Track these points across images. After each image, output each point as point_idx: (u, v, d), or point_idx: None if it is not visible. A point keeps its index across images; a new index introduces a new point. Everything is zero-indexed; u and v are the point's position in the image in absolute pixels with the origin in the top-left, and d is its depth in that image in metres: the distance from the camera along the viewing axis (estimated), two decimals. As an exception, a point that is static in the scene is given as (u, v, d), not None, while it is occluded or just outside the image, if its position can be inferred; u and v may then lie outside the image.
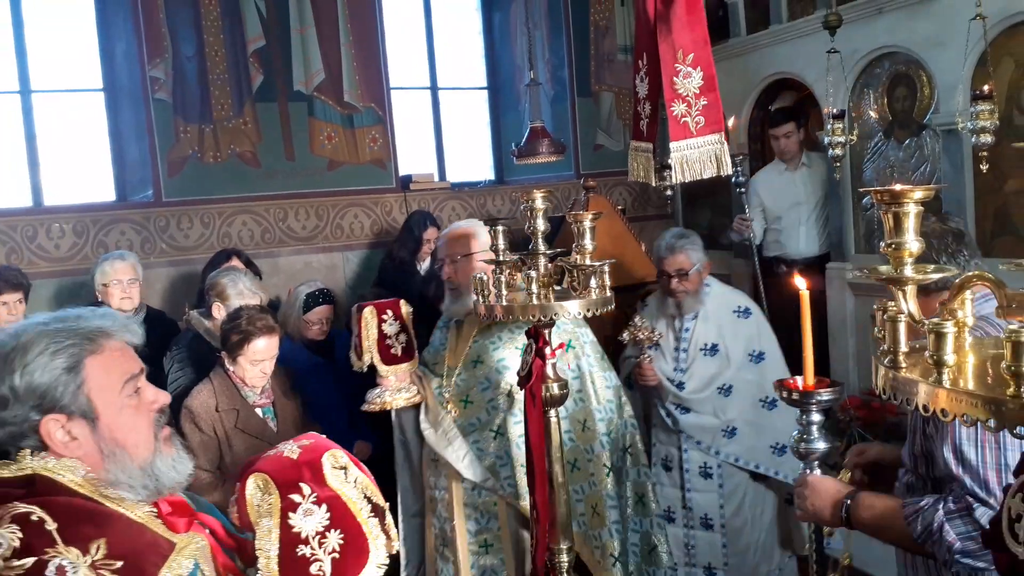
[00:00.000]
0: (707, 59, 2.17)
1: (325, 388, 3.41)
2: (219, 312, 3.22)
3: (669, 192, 5.12)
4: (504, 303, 2.31)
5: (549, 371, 2.46)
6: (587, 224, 2.25)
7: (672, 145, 2.22)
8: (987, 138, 3.23)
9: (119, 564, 1.10)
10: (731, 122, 3.48)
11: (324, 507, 1.16)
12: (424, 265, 4.69)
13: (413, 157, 5.94)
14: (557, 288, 2.38)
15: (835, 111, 3.90)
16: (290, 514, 1.15)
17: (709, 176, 2.26)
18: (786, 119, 4.88)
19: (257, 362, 2.77)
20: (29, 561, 1.06)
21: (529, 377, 2.48)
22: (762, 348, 3.26)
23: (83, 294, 4.26)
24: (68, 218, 4.83)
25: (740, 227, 4.58)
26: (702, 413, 3.26)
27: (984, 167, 3.28)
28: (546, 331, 2.43)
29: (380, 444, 3.28)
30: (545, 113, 5.56)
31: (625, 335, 3.24)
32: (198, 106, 5.04)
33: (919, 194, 1.25)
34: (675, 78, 2.14)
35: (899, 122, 4.42)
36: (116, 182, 5.29)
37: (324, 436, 1.30)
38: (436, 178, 5.94)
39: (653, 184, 2.50)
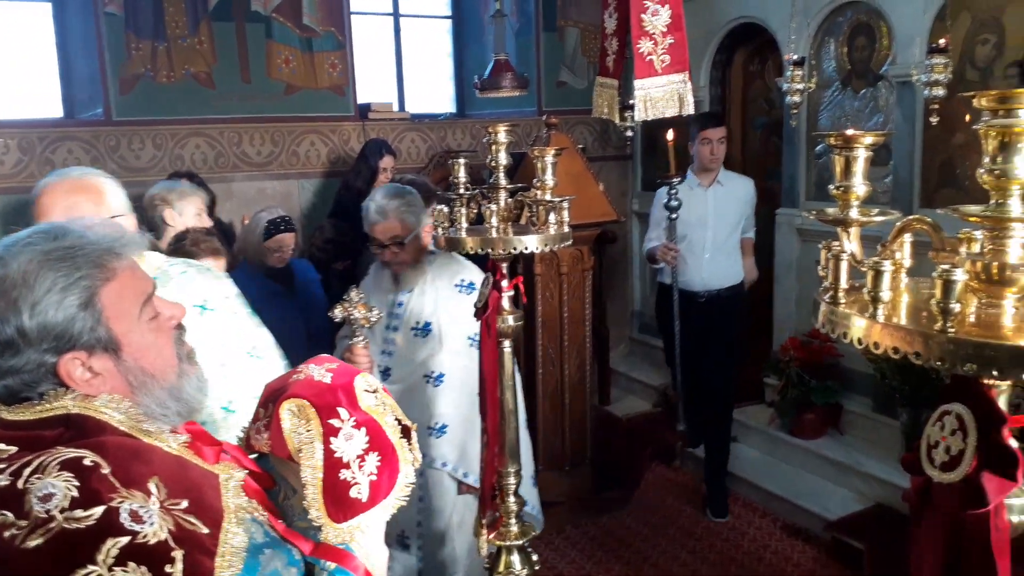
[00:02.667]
0: (676, -3, 2.19)
1: (283, 316, 3.41)
2: (172, 219, 3.15)
3: (630, 132, 5.15)
4: (464, 235, 2.34)
5: (505, 303, 2.52)
6: (549, 160, 2.28)
7: (636, 83, 2.25)
8: (940, 91, 3.31)
9: (185, 503, 1.02)
10: (669, 135, 3.51)
11: (363, 430, 1.15)
12: (381, 196, 4.67)
13: (373, 86, 5.83)
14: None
15: (795, 58, 3.94)
16: (331, 439, 1.13)
17: (672, 115, 2.30)
18: (721, 122, 4.33)
19: None
20: (98, 511, 0.95)
21: (485, 309, 2.53)
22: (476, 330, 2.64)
23: (29, 213, 4.14)
24: (12, 134, 4.66)
25: (666, 256, 4.07)
26: (409, 405, 2.74)
27: (934, 120, 3.37)
28: (503, 264, 2.48)
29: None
30: (509, 47, 5.49)
31: (337, 311, 2.55)
32: (151, 22, 4.85)
33: (869, 139, 1.32)
34: (643, 15, 2.15)
35: (856, 72, 4.49)
36: (64, 98, 5.10)
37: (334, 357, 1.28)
38: (396, 108, 5.85)
39: (616, 121, 2.53)
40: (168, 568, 0.95)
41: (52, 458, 0.98)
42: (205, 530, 1.01)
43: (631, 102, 2.26)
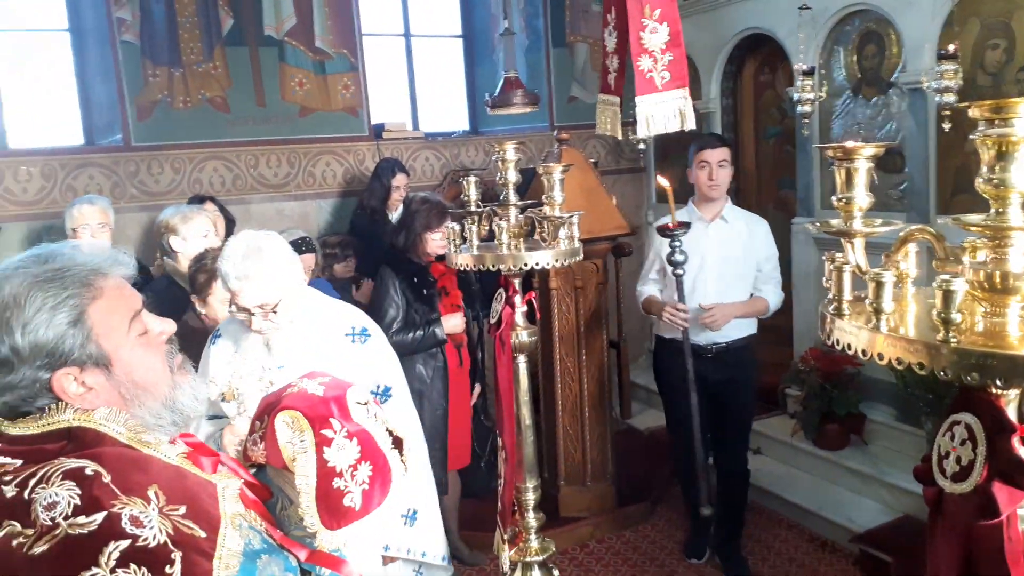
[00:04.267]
0: (673, 15, 2.21)
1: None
2: (178, 245, 3.27)
3: (642, 145, 5.16)
4: (475, 252, 2.36)
5: (518, 319, 2.54)
6: (557, 176, 2.30)
7: (637, 99, 2.27)
8: (951, 97, 3.31)
9: (183, 508, 1.05)
10: (665, 183, 3.04)
11: (355, 441, 1.19)
12: (395, 214, 4.72)
13: (386, 106, 5.90)
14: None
15: (805, 67, 3.95)
16: (324, 449, 1.17)
17: (674, 131, 2.32)
18: (722, 143, 3.62)
19: (227, 301, 2.79)
20: (99, 517, 0.99)
21: (499, 324, 2.55)
22: (387, 382, 2.38)
23: (51, 238, 4.22)
24: (35, 161, 4.76)
25: (675, 319, 3.38)
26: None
27: (947, 126, 3.36)
28: (516, 280, 2.50)
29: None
30: (520, 63, 5.54)
31: (217, 391, 2.19)
32: (167, 49, 4.95)
33: (869, 150, 1.33)
34: (642, 33, 2.17)
35: (867, 80, 4.48)
36: (84, 125, 5.20)
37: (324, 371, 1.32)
38: (409, 127, 5.91)
39: (619, 137, 2.55)
40: (168, 569, 0.99)
41: (55, 469, 1.03)
42: (202, 534, 1.05)
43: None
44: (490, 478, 3.62)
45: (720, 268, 3.55)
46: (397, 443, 1.27)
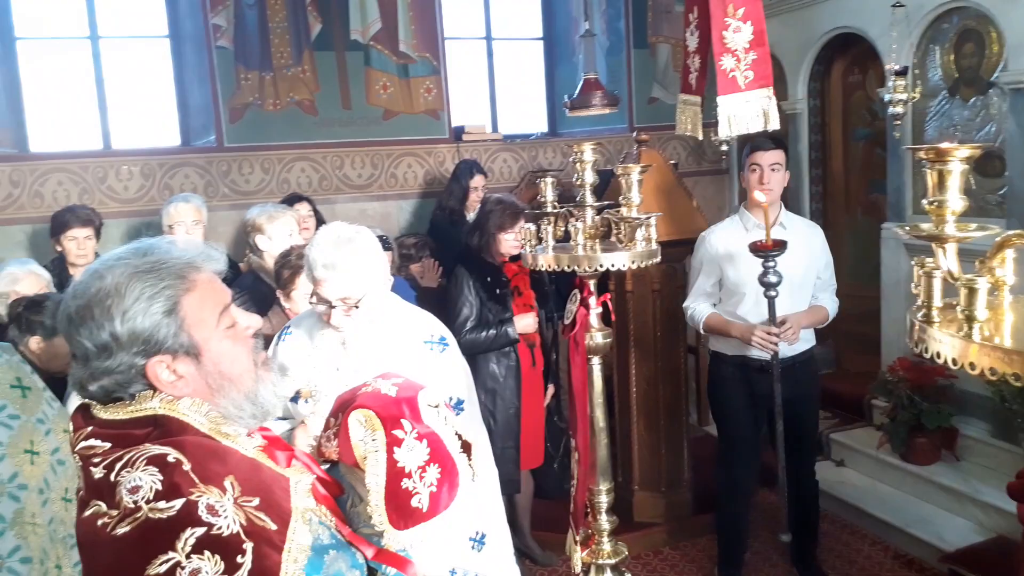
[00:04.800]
0: (758, 13, 2.16)
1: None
2: (264, 244, 3.39)
3: (724, 147, 5.06)
4: (551, 254, 2.36)
5: (593, 320, 2.54)
6: (635, 177, 2.29)
7: (720, 99, 2.23)
8: (1056, 97, 3.14)
9: (256, 500, 1.08)
10: (762, 198, 2.92)
11: (424, 443, 1.20)
12: (473, 215, 4.77)
13: (466, 108, 5.97)
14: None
15: (897, 67, 3.80)
16: (395, 449, 1.19)
17: (756, 131, 2.26)
18: (776, 145, 3.26)
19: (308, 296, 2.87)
20: (178, 503, 1.03)
21: (573, 325, 2.55)
22: (460, 395, 2.21)
23: (150, 234, 4.44)
24: (136, 161, 5.02)
25: (765, 343, 3.14)
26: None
27: (1052, 127, 3.19)
28: (591, 282, 2.49)
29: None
30: (600, 65, 5.52)
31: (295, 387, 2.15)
32: (258, 54, 5.15)
33: (964, 152, 1.27)
34: (724, 32, 2.13)
35: (965, 80, 4.28)
36: (181, 127, 5.46)
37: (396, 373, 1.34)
38: (489, 129, 5.97)
39: (699, 138, 2.51)
40: (239, 559, 1.02)
41: (140, 454, 1.07)
42: (273, 527, 1.07)
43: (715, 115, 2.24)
44: (563, 479, 3.62)
45: (785, 278, 3.28)
46: (466, 448, 1.28)
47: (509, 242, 3.55)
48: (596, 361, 2.58)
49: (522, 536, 3.93)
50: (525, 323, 3.58)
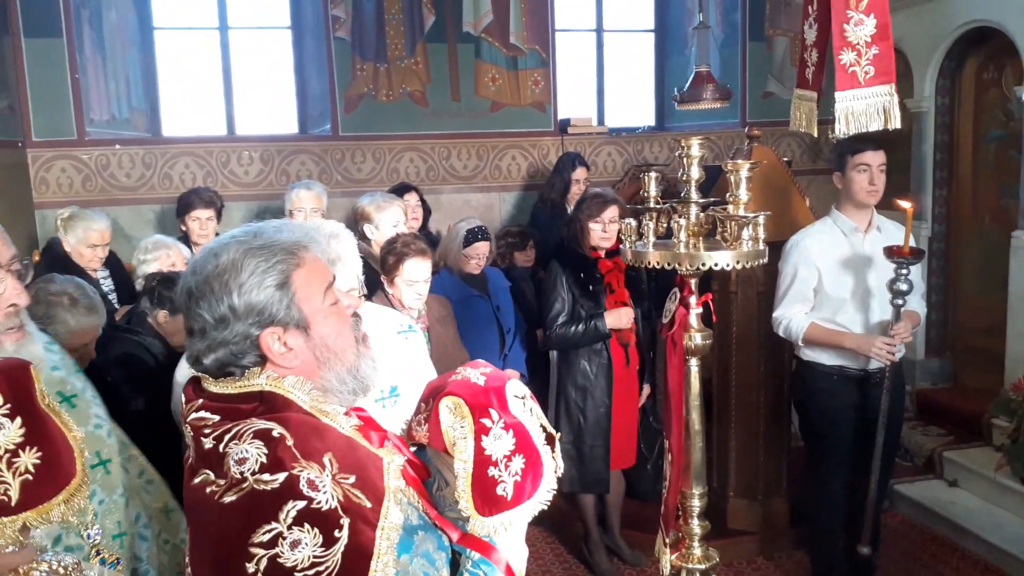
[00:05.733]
0: (882, 6, 2.04)
1: (478, 316, 3.61)
2: (371, 232, 3.51)
3: (842, 146, 4.85)
4: (651, 250, 2.33)
5: (692, 320, 2.48)
6: (743, 173, 2.22)
7: (837, 95, 2.13)
8: None
9: (353, 478, 1.12)
10: (906, 204, 2.78)
11: (510, 432, 1.22)
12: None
13: (573, 100, 5.95)
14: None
15: (1040, 63, 3.53)
16: (483, 437, 1.21)
17: (876, 129, 2.15)
18: (880, 146, 3.15)
19: (412, 283, 2.93)
20: (282, 476, 1.07)
21: (672, 325, 2.51)
22: (398, 383, 2.07)
23: (268, 218, 4.65)
24: (256, 147, 5.27)
25: (885, 353, 3.03)
26: None
27: None
28: (692, 281, 2.44)
29: (527, 382, 3.44)
30: (713, 58, 5.40)
31: None
32: (374, 45, 5.30)
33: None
34: (845, 25, 2.03)
35: (1118, 77, 3.94)
36: (299, 115, 5.69)
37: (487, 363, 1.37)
38: (595, 122, 5.93)
39: (814, 134, 2.41)
40: (336, 533, 1.06)
41: (247, 427, 1.12)
42: (368, 504, 1.11)
43: (833, 111, 2.14)
44: (656, 480, 3.57)
45: (880, 280, 3.11)
46: (550, 440, 1.29)
47: (597, 232, 3.50)
48: (694, 362, 2.53)
49: (611, 534, 3.91)
50: (616, 318, 3.53)
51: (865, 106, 2.12)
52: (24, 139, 4.88)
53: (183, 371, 2.01)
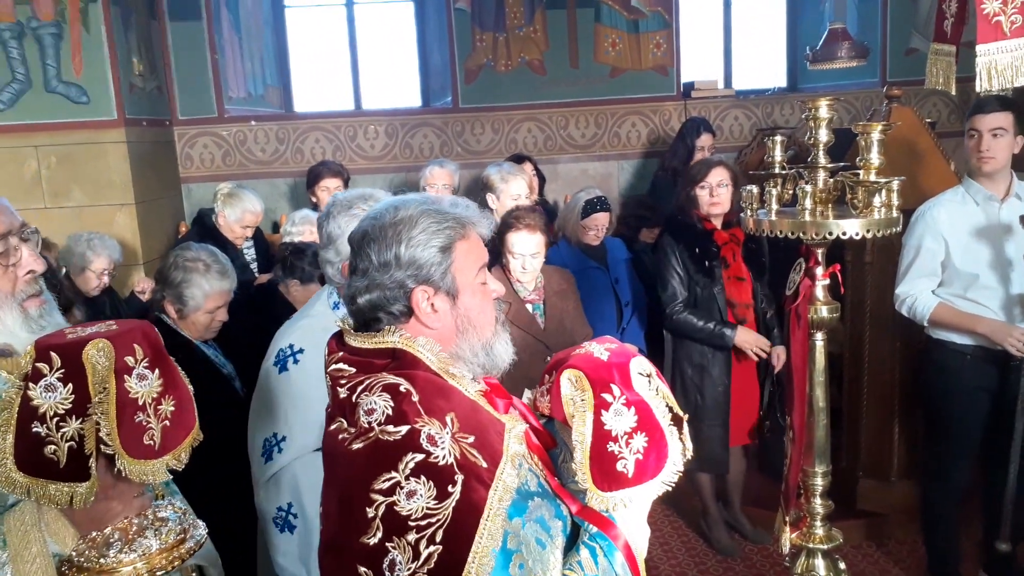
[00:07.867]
0: (1033, -53, 1.82)
1: (596, 287, 3.57)
2: (492, 203, 3.55)
3: (995, 103, 4.43)
4: (773, 218, 2.22)
5: (818, 292, 2.36)
6: (875, 136, 2.07)
7: (979, 48, 1.92)
8: None
9: (472, 438, 1.16)
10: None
11: (632, 410, 1.22)
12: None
13: (698, 63, 5.74)
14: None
15: None
16: (602, 412, 1.22)
17: (1022, 85, 1.94)
18: (1003, 106, 2.86)
19: (518, 255, 2.94)
20: (404, 429, 1.13)
21: (796, 297, 2.39)
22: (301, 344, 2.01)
23: (404, 190, 4.79)
24: (381, 120, 5.41)
25: (1020, 342, 2.83)
26: None
27: None
28: (819, 251, 2.31)
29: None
30: (850, 13, 5.06)
31: None
32: (493, 14, 5.30)
33: None
34: (991, -31, 1.83)
35: None
36: (421, 88, 5.79)
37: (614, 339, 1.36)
38: (721, 85, 5.70)
39: (952, 92, 2.20)
40: (450, 488, 1.11)
41: (378, 381, 1.20)
42: (484, 464, 1.15)
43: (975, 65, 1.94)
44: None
45: (1019, 251, 2.88)
46: (676, 421, 1.26)
47: (704, 198, 3.36)
48: (819, 337, 2.40)
49: (733, 511, 3.82)
50: (747, 338, 3.38)
51: (1011, 59, 1.90)
52: (171, 117, 5.22)
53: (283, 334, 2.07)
